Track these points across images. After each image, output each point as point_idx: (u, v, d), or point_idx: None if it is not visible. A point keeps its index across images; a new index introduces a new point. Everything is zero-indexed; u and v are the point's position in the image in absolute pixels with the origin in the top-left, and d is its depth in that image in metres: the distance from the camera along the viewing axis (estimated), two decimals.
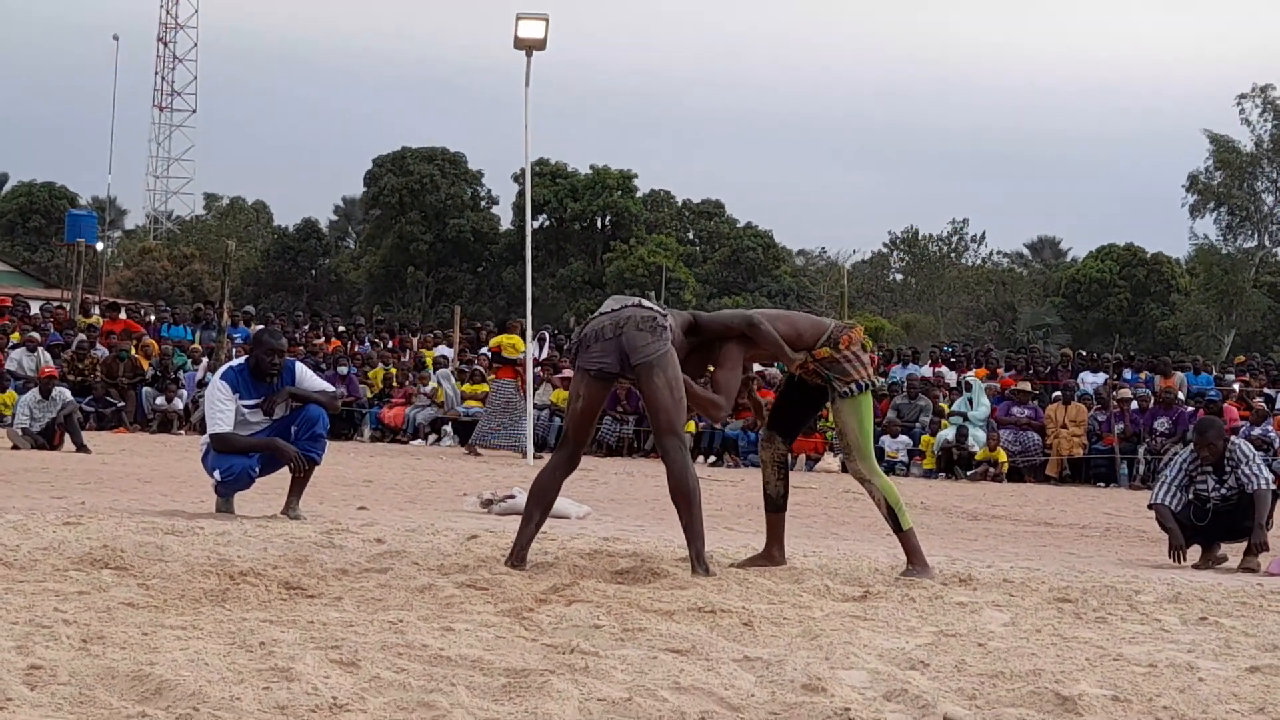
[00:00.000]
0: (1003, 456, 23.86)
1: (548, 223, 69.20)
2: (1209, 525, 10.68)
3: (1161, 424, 23.76)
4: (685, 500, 7.79)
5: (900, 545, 8.44)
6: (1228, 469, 10.68)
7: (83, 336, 27.69)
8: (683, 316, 8.31)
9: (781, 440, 8.62)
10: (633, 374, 7.81)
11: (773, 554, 8.50)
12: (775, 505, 8.57)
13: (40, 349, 26.48)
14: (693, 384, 8.07)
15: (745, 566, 8.26)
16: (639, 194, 71.52)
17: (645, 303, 7.91)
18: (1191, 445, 11.01)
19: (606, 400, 8.27)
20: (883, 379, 24.53)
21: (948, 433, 24.32)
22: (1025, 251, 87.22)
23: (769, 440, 8.66)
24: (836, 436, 8.45)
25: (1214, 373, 29.24)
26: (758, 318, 8.31)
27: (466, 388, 27.44)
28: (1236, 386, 26.62)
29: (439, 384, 27.32)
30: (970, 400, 25.16)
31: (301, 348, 27.00)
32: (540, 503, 8.00)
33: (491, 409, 23.35)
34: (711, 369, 8.33)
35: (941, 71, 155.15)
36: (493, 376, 23.97)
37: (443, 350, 30.77)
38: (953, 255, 77.82)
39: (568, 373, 22.76)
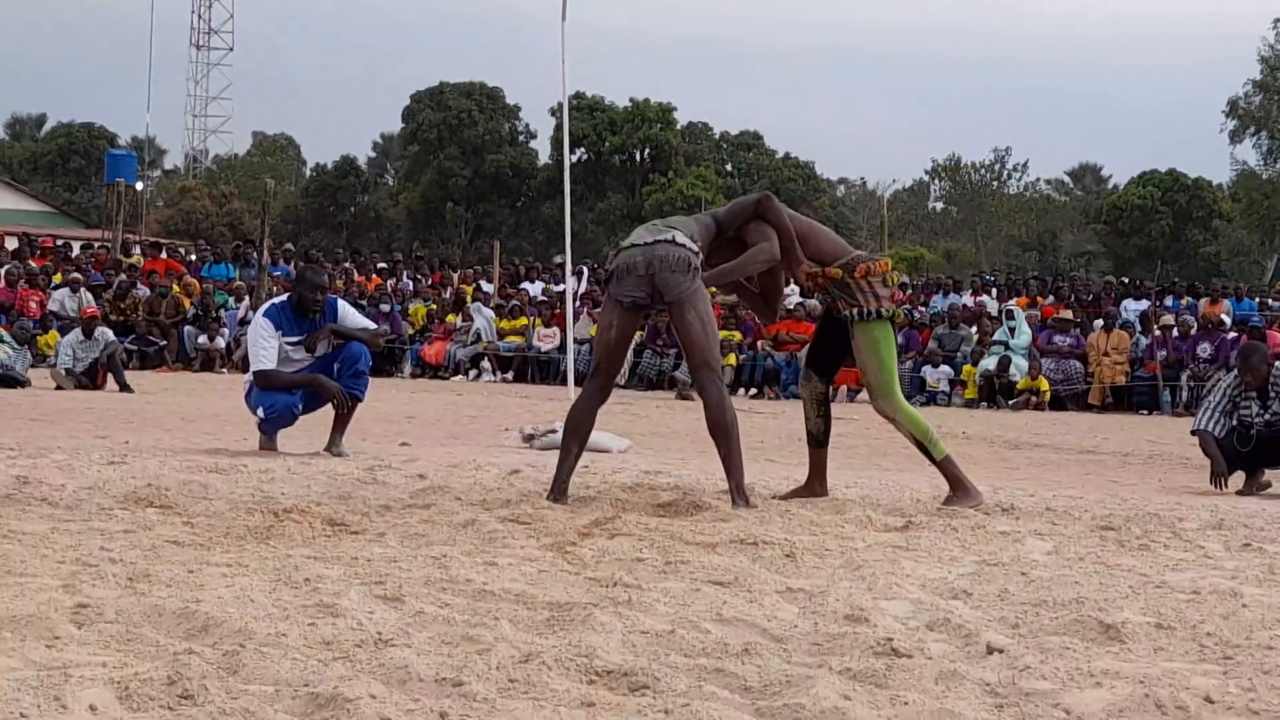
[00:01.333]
0: (1045, 385, 23.78)
1: (586, 156, 69.07)
2: (1253, 451, 10.63)
3: (1204, 349, 23.64)
4: (724, 434, 7.80)
5: (941, 473, 8.39)
6: (1272, 395, 10.63)
7: (124, 277, 27.78)
8: (705, 223, 8.20)
9: (819, 378, 8.56)
10: (665, 306, 7.82)
11: (814, 487, 8.49)
12: (817, 441, 8.55)
13: (83, 289, 26.62)
14: (730, 265, 8.05)
15: (787, 499, 8.25)
16: (677, 126, 71.29)
17: (679, 237, 7.86)
18: (1235, 371, 10.95)
19: (637, 329, 8.27)
20: (904, 308, 24.20)
21: (989, 362, 24.25)
22: (1066, 179, 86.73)
23: (807, 378, 8.63)
24: (861, 372, 8.34)
25: (1257, 299, 29.08)
26: (769, 195, 8.23)
27: (505, 324, 27.48)
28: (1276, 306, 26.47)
29: (475, 317, 27.34)
30: (1012, 329, 25.07)
31: (342, 284, 27.08)
32: (576, 435, 8.01)
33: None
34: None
35: (981, 2, 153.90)
36: None
37: (483, 285, 30.82)
38: (995, 183, 77.37)
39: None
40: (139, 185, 46.44)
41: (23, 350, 20.17)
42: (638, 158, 70.41)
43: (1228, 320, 25.26)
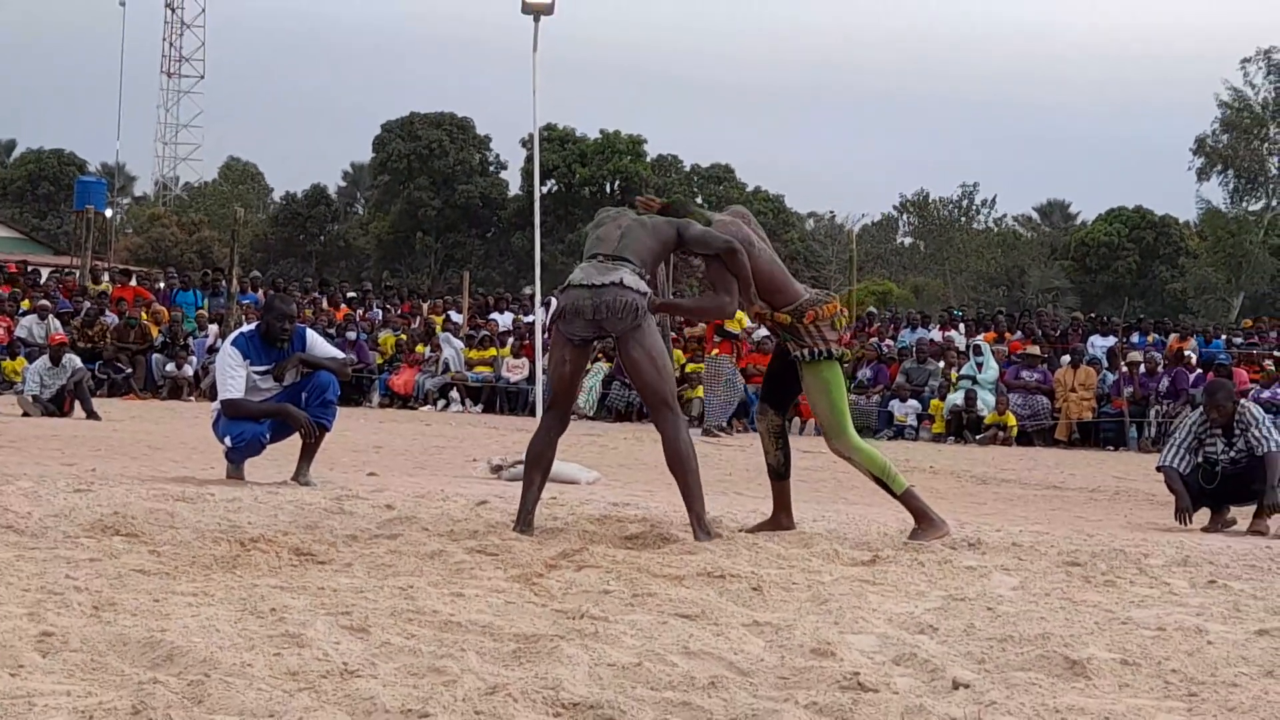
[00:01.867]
0: (1012, 420, 23.84)
1: (556, 188, 69.04)
2: (1218, 488, 10.67)
3: (1163, 383, 23.75)
4: (681, 468, 7.84)
5: (903, 506, 8.41)
6: (1237, 432, 10.67)
7: (89, 304, 27.68)
8: (666, 233, 8.13)
9: (775, 411, 8.58)
10: (613, 339, 7.92)
11: (780, 520, 8.50)
12: (778, 474, 8.57)
13: (50, 316, 26.52)
14: (683, 303, 8.12)
15: (754, 532, 8.25)
16: (648, 159, 71.40)
17: (626, 278, 7.82)
18: (1201, 408, 11.00)
19: (589, 359, 8.38)
20: (851, 348, 24.08)
21: (957, 396, 24.30)
22: (1034, 215, 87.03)
23: (763, 412, 8.65)
24: (815, 414, 8.38)
25: (1223, 336, 29.20)
26: (738, 247, 8.11)
27: (474, 353, 27.47)
28: (1241, 343, 26.60)
29: (443, 347, 27.35)
30: (979, 364, 25.13)
31: (310, 313, 27.04)
32: (538, 466, 8.04)
33: (712, 387, 22.68)
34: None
35: (951, 36, 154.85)
36: (715, 352, 23.04)
37: (453, 316, 30.80)
38: (963, 219, 77.62)
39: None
40: (108, 212, 46.36)
41: None
42: (608, 189, 70.45)
43: (1193, 356, 25.36)
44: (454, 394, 26.91)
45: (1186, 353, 25.42)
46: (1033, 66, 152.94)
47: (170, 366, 26.29)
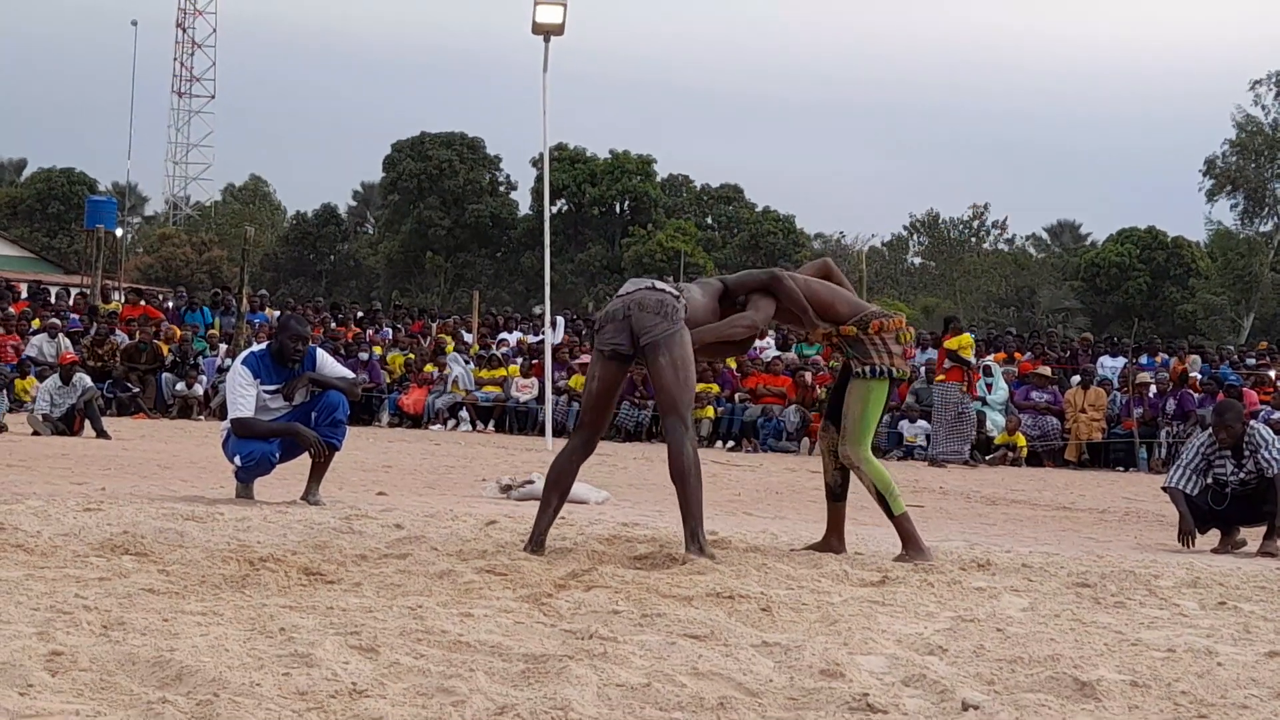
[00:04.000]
0: (1021, 441, 23.81)
1: (566, 207, 69.14)
2: (1227, 509, 10.66)
3: (1170, 406, 23.73)
4: (681, 479, 7.80)
5: (895, 529, 8.41)
6: (1246, 453, 10.65)
7: (98, 326, 27.70)
8: (712, 286, 8.36)
9: (836, 430, 8.59)
10: (642, 353, 7.85)
11: (831, 542, 8.51)
12: (835, 495, 8.58)
13: (61, 335, 26.55)
14: (708, 327, 8.13)
15: (803, 553, 8.32)
16: (658, 179, 71.48)
17: (659, 284, 7.92)
18: (1210, 429, 10.99)
19: (623, 383, 8.29)
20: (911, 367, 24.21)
21: None
22: (1044, 236, 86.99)
23: (825, 430, 8.70)
24: (842, 416, 8.41)
25: (1231, 359, 29.15)
26: (780, 273, 8.34)
27: (484, 373, 27.50)
28: (1263, 368, 26.54)
29: (451, 367, 27.39)
30: (989, 385, 25.10)
31: (321, 333, 27.07)
32: (557, 488, 8.01)
33: (941, 416, 22.53)
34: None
35: (962, 56, 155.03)
36: (941, 378, 22.85)
37: (465, 335, 30.82)
38: (974, 240, 77.62)
39: (585, 358, 22.76)
40: (119, 231, 46.42)
41: None
42: (618, 209, 70.52)
43: (1198, 376, 25.33)
44: (464, 414, 26.93)
45: (1193, 374, 25.37)
46: (1044, 86, 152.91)
47: (180, 386, 26.31)
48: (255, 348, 10.89)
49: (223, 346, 27.62)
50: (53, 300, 32.81)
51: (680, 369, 7.80)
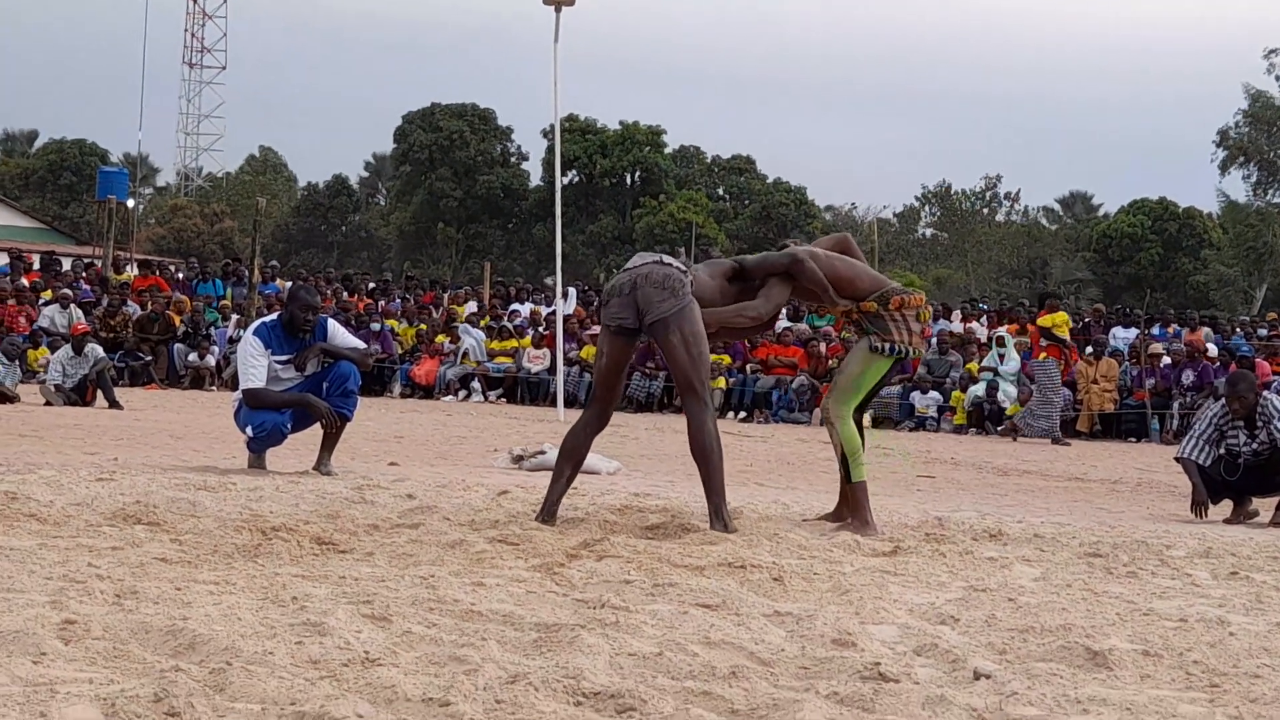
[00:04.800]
0: None
1: (577, 179, 69.08)
2: (1240, 480, 10.64)
3: (1187, 377, 23.69)
4: (704, 456, 7.79)
5: (850, 495, 8.37)
6: (1259, 424, 10.63)
7: (108, 299, 27.72)
8: (725, 264, 8.34)
9: (856, 409, 8.58)
10: (649, 332, 7.84)
11: (843, 513, 8.49)
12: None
13: (72, 305, 26.59)
14: (714, 311, 8.10)
15: (814, 523, 8.33)
16: (668, 150, 71.37)
17: (666, 259, 7.89)
18: (1223, 399, 10.96)
19: (632, 356, 8.27)
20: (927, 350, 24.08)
21: (978, 388, 24.26)
22: (1056, 207, 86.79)
23: None
24: (837, 370, 8.41)
25: (1241, 331, 29.08)
26: (802, 254, 8.31)
27: (495, 344, 27.51)
28: (1276, 339, 26.47)
29: (463, 338, 27.42)
30: (1001, 356, 25.08)
31: (332, 304, 27.10)
32: (570, 459, 8.01)
33: (1040, 394, 22.31)
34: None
35: (974, 26, 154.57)
36: (1043, 356, 22.56)
37: (472, 307, 30.84)
38: (985, 211, 77.43)
39: (596, 329, 22.75)
40: (130, 202, 46.41)
41: (12, 366, 20.16)
42: (628, 180, 70.43)
43: (1213, 349, 25.28)
44: (475, 384, 26.95)
45: (1207, 345, 25.33)
46: (1056, 57, 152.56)
47: (192, 356, 26.36)
48: (266, 318, 10.89)
49: (234, 317, 27.64)
50: (65, 269, 32.83)
51: (692, 345, 7.77)
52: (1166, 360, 24.37)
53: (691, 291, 7.83)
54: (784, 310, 27.99)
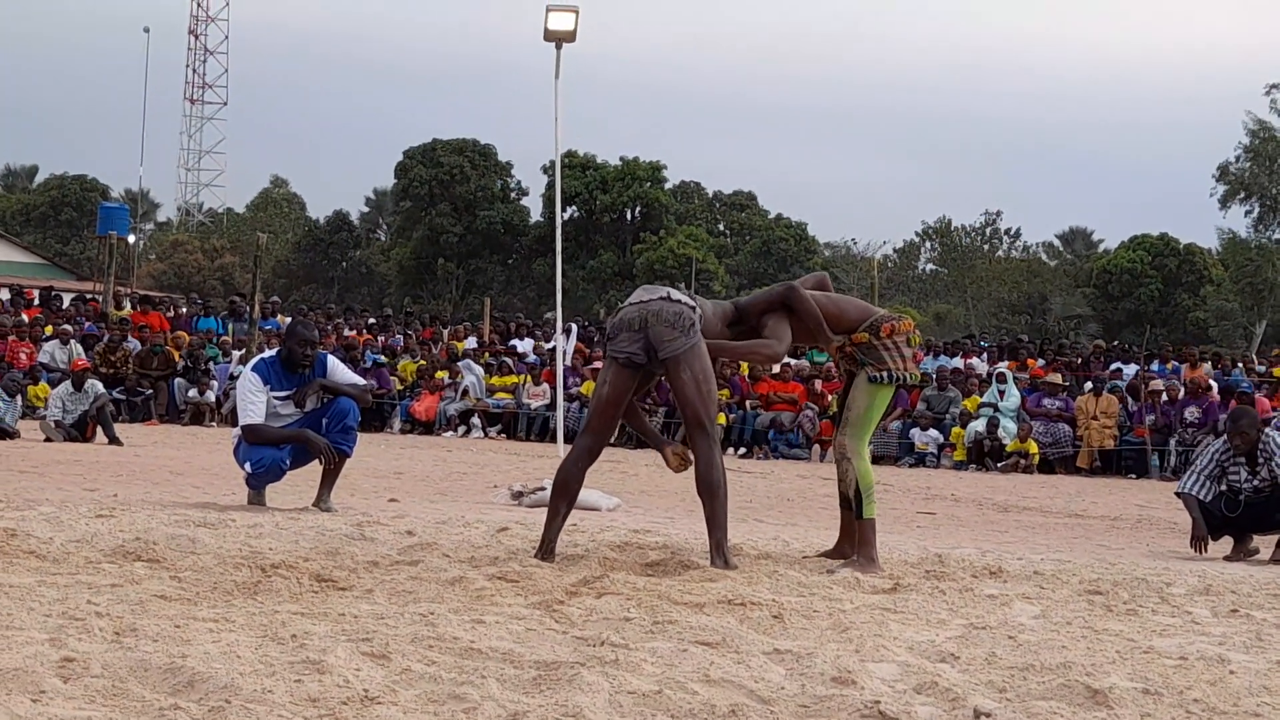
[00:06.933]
0: (1034, 448, 23.79)
1: (577, 214, 69.09)
2: (1240, 516, 10.63)
3: (1191, 413, 23.68)
4: (709, 492, 7.80)
5: (857, 531, 8.33)
6: (1260, 460, 10.63)
7: (108, 334, 27.73)
8: (723, 307, 8.36)
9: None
10: (660, 367, 7.85)
11: (844, 549, 8.47)
12: (848, 502, 8.55)
13: (73, 341, 26.60)
14: (732, 344, 8.13)
15: (812, 559, 8.32)
16: (668, 185, 71.46)
17: (674, 294, 7.91)
18: (1224, 435, 10.96)
19: (633, 391, 8.22)
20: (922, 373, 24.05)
21: (978, 424, 24.26)
22: (1057, 242, 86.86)
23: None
24: (845, 408, 8.41)
25: (1241, 366, 29.07)
26: (797, 285, 8.33)
27: (495, 380, 27.52)
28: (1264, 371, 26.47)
29: (464, 374, 27.44)
30: (1001, 392, 25.09)
31: (332, 340, 27.10)
32: (565, 494, 8.00)
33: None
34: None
35: (974, 61, 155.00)
36: None
37: (472, 342, 30.85)
38: (985, 247, 77.53)
39: (598, 364, 22.72)
40: (131, 238, 46.47)
41: (12, 402, 20.16)
42: (629, 216, 70.48)
43: (1213, 385, 25.29)
44: (475, 420, 26.95)
45: (1209, 381, 25.34)
46: (1056, 92, 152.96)
47: (192, 392, 26.36)
48: (265, 354, 10.90)
49: (235, 353, 27.65)
50: (65, 305, 32.86)
51: (702, 382, 7.81)
52: (1165, 396, 24.36)
53: (700, 324, 7.88)
54: None
